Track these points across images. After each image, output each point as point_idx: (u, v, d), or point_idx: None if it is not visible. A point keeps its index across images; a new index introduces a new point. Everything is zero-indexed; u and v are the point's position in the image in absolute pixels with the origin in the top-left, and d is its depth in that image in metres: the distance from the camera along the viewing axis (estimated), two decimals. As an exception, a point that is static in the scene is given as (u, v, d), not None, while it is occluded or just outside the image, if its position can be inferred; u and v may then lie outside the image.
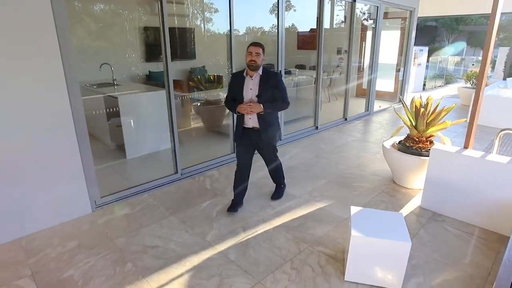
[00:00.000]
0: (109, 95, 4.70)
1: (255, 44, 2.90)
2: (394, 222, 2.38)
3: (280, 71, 4.96)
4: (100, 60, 5.32)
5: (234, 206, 3.27)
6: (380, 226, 2.33)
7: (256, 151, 3.35)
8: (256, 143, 3.19)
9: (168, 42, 3.50)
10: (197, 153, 4.72)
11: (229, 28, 4.15)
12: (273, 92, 3.00)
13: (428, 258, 2.60)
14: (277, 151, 3.35)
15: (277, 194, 3.55)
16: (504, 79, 7.85)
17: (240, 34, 4.53)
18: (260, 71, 2.96)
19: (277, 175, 3.52)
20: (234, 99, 3.07)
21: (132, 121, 4.64)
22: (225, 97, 3.20)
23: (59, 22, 2.72)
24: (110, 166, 4.32)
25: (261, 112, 2.96)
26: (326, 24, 5.63)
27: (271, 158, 3.36)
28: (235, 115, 3.18)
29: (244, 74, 3.00)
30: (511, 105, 6.34)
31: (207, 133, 6.06)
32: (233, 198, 3.33)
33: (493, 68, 11.33)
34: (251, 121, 3.07)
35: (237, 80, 3.04)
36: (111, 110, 4.59)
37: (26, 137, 2.76)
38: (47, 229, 3.00)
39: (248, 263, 2.55)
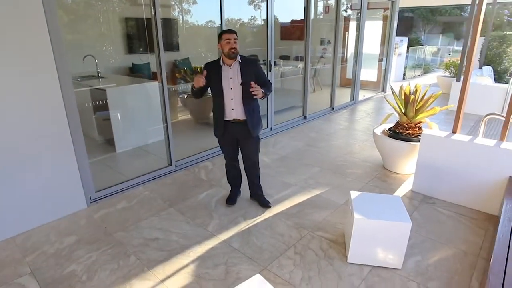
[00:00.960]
0: (96, 88, 4.57)
1: (230, 31, 2.70)
2: (392, 205, 2.47)
3: (270, 61, 4.97)
4: (81, 53, 5.13)
5: (233, 197, 3.28)
6: (380, 209, 2.41)
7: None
8: (239, 136, 2.96)
9: (160, 33, 3.43)
10: (188, 145, 4.68)
11: (220, 19, 4.12)
12: (257, 78, 2.82)
13: (424, 238, 2.73)
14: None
15: (265, 201, 3.23)
16: (480, 67, 8.14)
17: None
18: (238, 59, 2.78)
19: (258, 178, 3.22)
20: (204, 90, 2.82)
21: (121, 114, 4.53)
22: (191, 87, 2.84)
23: (48, 12, 2.61)
24: (101, 161, 4.22)
25: (262, 96, 2.75)
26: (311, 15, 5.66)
27: (254, 154, 3.07)
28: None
29: (221, 63, 2.78)
30: (487, 92, 6.63)
31: (196, 125, 6.01)
32: (230, 190, 3.35)
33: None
34: (234, 113, 2.83)
35: (212, 71, 2.79)
36: (97, 103, 4.46)
37: (17, 131, 2.66)
38: (42, 225, 2.92)
39: (252, 250, 2.59)
